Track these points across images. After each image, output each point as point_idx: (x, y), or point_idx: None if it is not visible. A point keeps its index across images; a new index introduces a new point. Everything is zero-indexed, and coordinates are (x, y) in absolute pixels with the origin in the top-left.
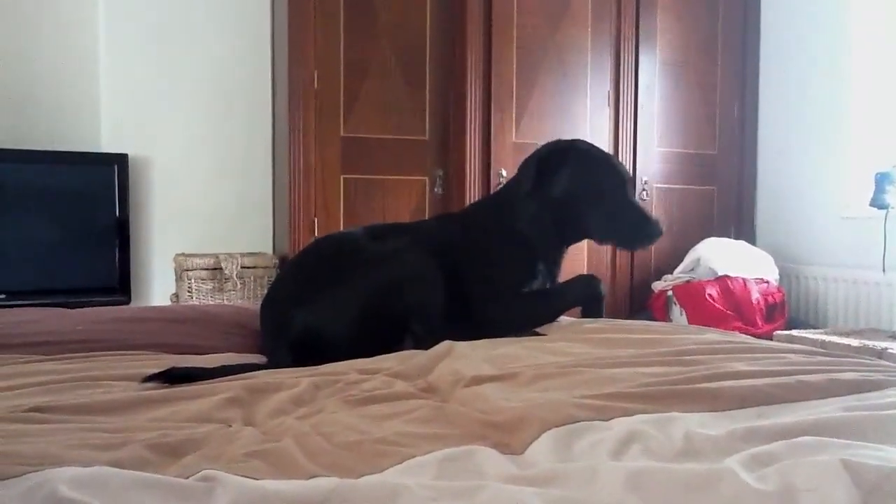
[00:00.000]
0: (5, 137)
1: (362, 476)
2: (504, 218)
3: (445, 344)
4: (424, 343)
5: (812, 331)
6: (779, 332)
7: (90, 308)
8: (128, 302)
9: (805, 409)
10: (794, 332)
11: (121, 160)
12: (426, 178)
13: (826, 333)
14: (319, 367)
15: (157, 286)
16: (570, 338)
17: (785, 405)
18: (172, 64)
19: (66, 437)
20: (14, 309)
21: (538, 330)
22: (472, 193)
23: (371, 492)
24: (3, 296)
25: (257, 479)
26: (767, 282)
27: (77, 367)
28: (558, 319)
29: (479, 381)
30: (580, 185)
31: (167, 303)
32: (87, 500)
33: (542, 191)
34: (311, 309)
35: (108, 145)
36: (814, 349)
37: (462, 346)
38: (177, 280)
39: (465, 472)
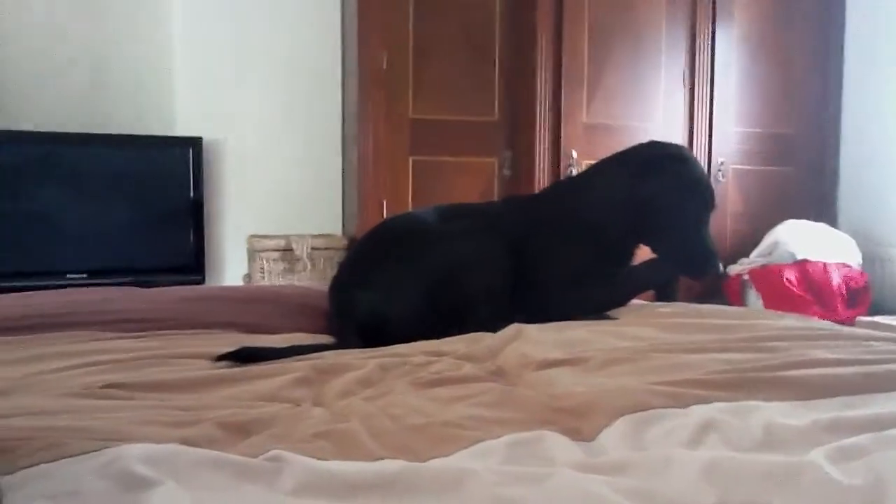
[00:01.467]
0: (84, 122)
1: (429, 459)
2: (578, 204)
3: (514, 326)
4: (489, 327)
5: None
6: (861, 318)
7: (163, 287)
8: (202, 281)
9: (894, 399)
10: (879, 319)
11: (195, 143)
12: (495, 160)
13: None
14: (386, 348)
15: (230, 266)
16: (641, 322)
17: (872, 395)
18: (245, 48)
19: (138, 414)
20: (90, 288)
21: (609, 313)
22: (542, 175)
23: (437, 476)
24: (83, 275)
25: (324, 460)
26: (849, 266)
27: (150, 344)
28: (629, 303)
29: (547, 364)
30: (663, 202)
31: (240, 282)
32: (158, 477)
33: (627, 190)
34: (375, 291)
35: (182, 129)
36: None
37: (530, 329)
38: (249, 260)
39: (533, 458)
